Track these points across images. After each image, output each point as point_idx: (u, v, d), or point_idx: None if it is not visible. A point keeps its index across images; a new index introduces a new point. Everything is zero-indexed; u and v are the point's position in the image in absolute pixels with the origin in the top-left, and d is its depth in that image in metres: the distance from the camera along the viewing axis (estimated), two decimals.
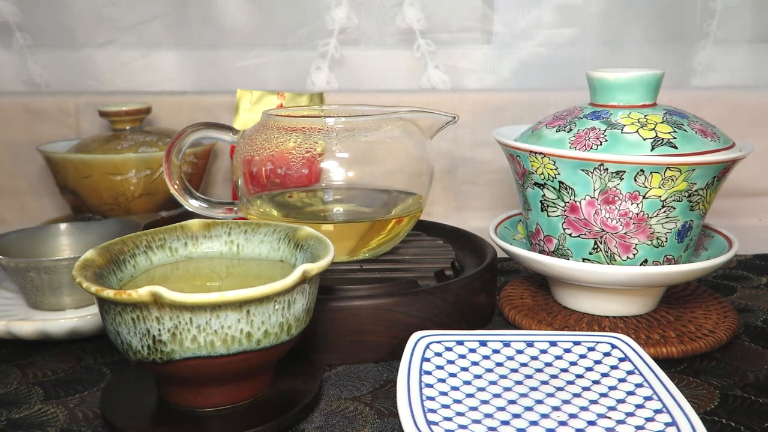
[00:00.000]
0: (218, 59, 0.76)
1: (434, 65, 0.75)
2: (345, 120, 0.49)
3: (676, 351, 0.43)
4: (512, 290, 0.53)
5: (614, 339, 0.39)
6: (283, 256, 0.40)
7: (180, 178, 0.49)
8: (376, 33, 0.74)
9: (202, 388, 0.35)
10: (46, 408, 0.38)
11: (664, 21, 0.74)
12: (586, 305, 0.48)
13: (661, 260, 0.45)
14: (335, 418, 0.37)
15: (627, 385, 0.36)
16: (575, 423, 0.33)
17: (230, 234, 0.42)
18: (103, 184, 0.61)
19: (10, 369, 0.43)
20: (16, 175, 0.73)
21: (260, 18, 0.74)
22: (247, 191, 0.49)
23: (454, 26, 0.74)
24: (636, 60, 0.74)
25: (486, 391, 0.36)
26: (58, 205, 0.72)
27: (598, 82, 0.47)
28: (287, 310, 0.33)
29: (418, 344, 0.39)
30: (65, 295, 0.48)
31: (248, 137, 0.49)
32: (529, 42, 0.74)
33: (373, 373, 0.42)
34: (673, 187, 0.42)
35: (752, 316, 0.50)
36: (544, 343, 0.40)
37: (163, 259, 0.41)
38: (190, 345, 0.32)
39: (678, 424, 0.31)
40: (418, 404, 0.33)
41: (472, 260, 0.53)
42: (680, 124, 0.44)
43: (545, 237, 0.47)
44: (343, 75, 0.75)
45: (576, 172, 0.43)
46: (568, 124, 0.46)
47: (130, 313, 0.32)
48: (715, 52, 0.75)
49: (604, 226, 0.44)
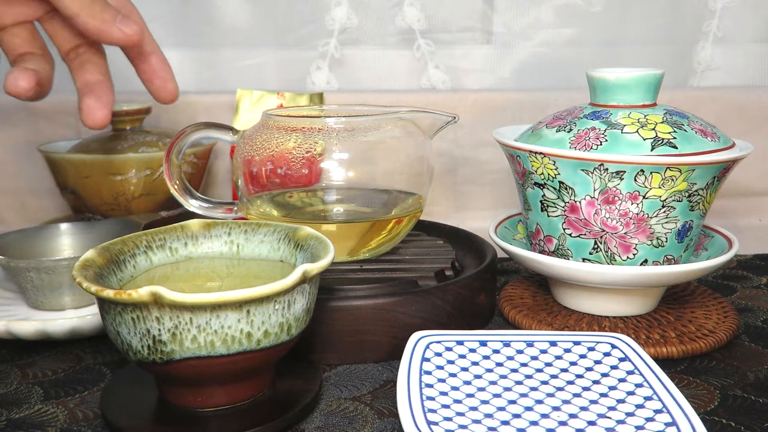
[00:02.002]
0: (218, 59, 0.76)
1: (434, 65, 0.75)
2: (345, 120, 0.49)
3: (676, 351, 0.43)
4: (512, 290, 0.53)
5: (614, 339, 0.39)
6: (283, 256, 0.40)
7: (180, 178, 0.49)
8: (376, 33, 0.74)
9: (202, 388, 0.35)
10: (46, 408, 0.38)
11: (664, 21, 0.74)
12: (586, 305, 0.48)
13: (661, 260, 0.45)
14: (335, 418, 0.37)
15: (627, 385, 0.36)
16: (575, 423, 0.33)
17: (230, 234, 0.42)
18: (103, 184, 0.61)
19: (10, 369, 0.43)
20: (16, 175, 0.73)
21: (260, 18, 0.74)
22: (247, 191, 0.49)
23: (454, 26, 0.74)
24: (636, 60, 0.74)
25: (486, 391, 0.36)
26: (58, 205, 0.72)
27: (598, 82, 0.47)
28: (287, 310, 0.33)
29: (418, 344, 0.39)
30: (65, 295, 0.48)
31: (248, 137, 0.49)
32: (529, 42, 0.74)
33: (373, 373, 0.42)
34: (673, 187, 0.42)
35: (752, 316, 0.50)
36: (544, 343, 0.40)
37: (163, 259, 0.41)
38: (190, 345, 0.32)
39: (678, 424, 0.31)
40: (418, 404, 0.33)
41: (472, 260, 0.53)
42: (680, 124, 0.44)
43: (545, 237, 0.47)
44: (343, 75, 0.75)
45: (576, 172, 0.43)
46: (568, 124, 0.46)
47: (130, 313, 0.32)
48: (715, 52, 0.75)
49: (604, 226, 0.44)
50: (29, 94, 0.41)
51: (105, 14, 0.41)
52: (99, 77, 0.44)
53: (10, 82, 0.41)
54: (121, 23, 0.41)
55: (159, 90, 0.47)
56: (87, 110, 0.42)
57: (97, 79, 0.44)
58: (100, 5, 0.41)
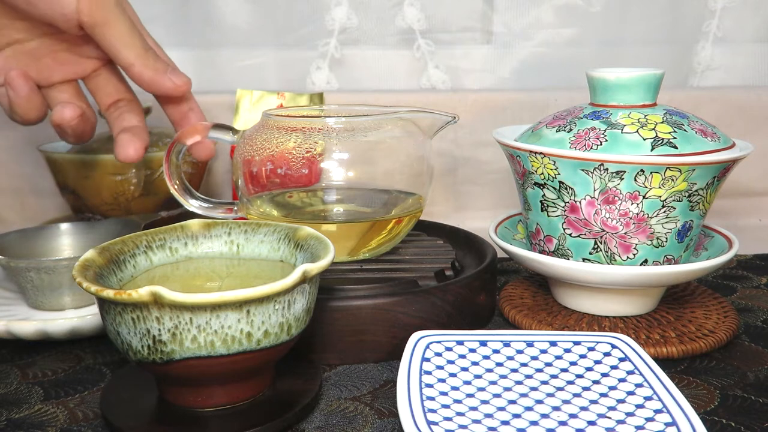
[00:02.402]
0: (218, 59, 0.76)
1: (434, 65, 0.75)
2: (345, 120, 0.49)
3: (676, 351, 0.43)
4: (512, 290, 0.53)
5: (614, 339, 0.39)
6: (283, 256, 0.40)
7: (180, 178, 0.49)
8: (376, 33, 0.74)
9: (202, 388, 0.35)
10: (46, 408, 0.38)
11: (664, 21, 0.74)
12: (586, 305, 0.48)
13: (661, 260, 0.45)
14: (335, 418, 0.37)
15: (627, 385, 0.36)
16: (575, 423, 0.33)
17: (230, 234, 0.42)
18: (103, 184, 0.61)
19: (10, 369, 0.43)
20: (16, 175, 0.73)
21: (260, 18, 0.74)
22: (247, 191, 0.49)
23: (454, 26, 0.74)
24: (636, 60, 0.74)
25: (486, 391, 0.36)
26: (58, 205, 0.72)
27: (598, 82, 0.47)
28: (287, 310, 0.33)
29: (418, 344, 0.39)
30: (65, 295, 0.48)
31: (248, 137, 0.49)
32: (529, 42, 0.74)
33: (373, 373, 0.42)
34: (673, 187, 0.42)
35: (752, 316, 0.50)
36: (544, 343, 0.40)
37: (163, 259, 0.41)
38: (190, 345, 0.32)
39: (678, 424, 0.31)
40: (418, 404, 0.33)
41: (472, 260, 0.53)
42: (680, 124, 0.44)
43: (545, 237, 0.47)
44: (343, 75, 0.75)
45: (576, 172, 0.43)
46: (568, 124, 0.46)
47: (130, 313, 0.32)
48: (715, 52, 0.75)
49: (604, 226, 0.44)
50: (73, 123, 0.45)
51: (158, 65, 0.45)
52: (136, 123, 0.49)
53: (56, 112, 0.45)
54: (171, 74, 0.46)
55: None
56: (122, 143, 0.47)
57: (134, 124, 0.48)
58: (153, 57, 0.45)
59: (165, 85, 0.46)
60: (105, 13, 0.43)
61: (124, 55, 0.44)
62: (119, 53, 0.44)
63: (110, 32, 0.43)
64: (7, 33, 0.45)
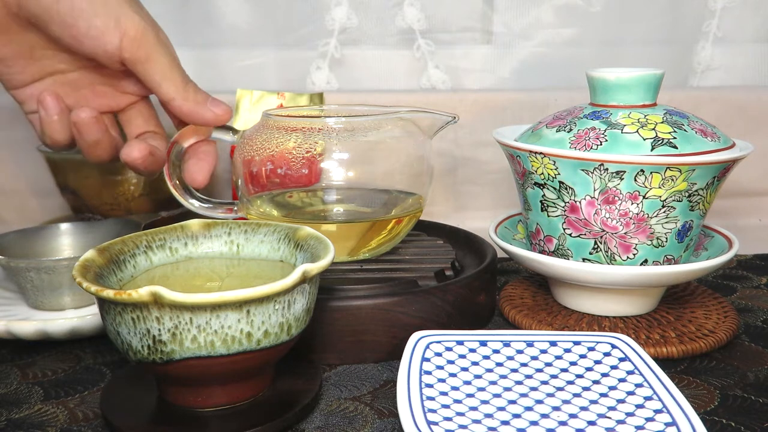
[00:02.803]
0: (218, 59, 0.75)
1: (434, 65, 0.75)
2: (345, 120, 0.49)
3: (676, 351, 0.43)
4: (512, 290, 0.53)
5: (614, 339, 0.39)
6: (283, 256, 0.40)
7: (180, 178, 0.49)
8: (376, 33, 0.74)
9: (202, 388, 0.35)
10: (46, 408, 0.38)
11: (664, 21, 0.74)
12: (586, 305, 0.48)
13: (661, 260, 0.45)
14: (335, 418, 0.37)
15: (627, 385, 0.36)
16: (575, 423, 0.33)
17: (230, 234, 0.42)
18: (103, 184, 0.61)
19: (10, 369, 0.43)
20: (16, 175, 0.73)
21: (260, 18, 0.74)
22: (247, 191, 0.49)
23: (454, 26, 0.74)
24: (636, 60, 0.74)
25: (486, 391, 0.36)
26: (58, 205, 0.72)
27: (598, 82, 0.47)
28: (287, 310, 0.33)
29: (418, 344, 0.39)
30: (65, 295, 0.48)
31: (248, 137, 0.49)
32: (529, 42, 0.74)
33: (373, 373, 0.42)
34: (673, 187, 0.42)
35: (752, 316, 0.50)
36: (544, 343, 0.40)
37: (163, 259, 0.41)
38: (190, 345, 0.32)
39: (678, 424, 0.31)
40: (418, 404, 0.33)
41: (472, 260, 0.53)
42: (680, 124, 0.44)
43: (545, 237, 0.47)
44: (343, 75, 0.75)
45: (576, 172, 0.43)
46: (568, 124, 0.46)
47: (130, 313, 0.32)
48: (715, 52, 0.75)
49: (604, 226, 0.44)
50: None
51: (198, 97, 0.46)
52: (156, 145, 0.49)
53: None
54: (211, 105, 0.47)
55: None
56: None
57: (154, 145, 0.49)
58: (193, 89, 0.46)
59: (205, 116, 0.46)
60: (147, 50, 0.44)
61: (165, 90, 0.45)
62: (160, 87, 0.45)
63: (152, 68, 0.44)
64: (50, 63, 0.46)
